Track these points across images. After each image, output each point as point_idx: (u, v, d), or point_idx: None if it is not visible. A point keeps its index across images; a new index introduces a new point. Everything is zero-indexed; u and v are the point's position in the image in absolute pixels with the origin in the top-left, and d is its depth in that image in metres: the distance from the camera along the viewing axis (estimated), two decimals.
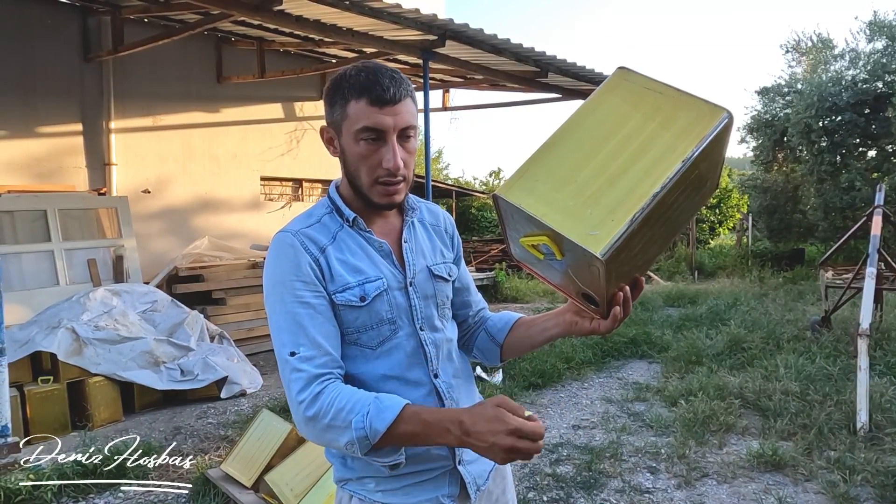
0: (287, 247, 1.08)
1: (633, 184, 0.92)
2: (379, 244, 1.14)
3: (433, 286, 1.18)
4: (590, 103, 1.02)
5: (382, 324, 1.11)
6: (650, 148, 0.94)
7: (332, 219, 1.13)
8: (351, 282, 1.08)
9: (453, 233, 1.29)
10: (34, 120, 6.38)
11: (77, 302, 4.38)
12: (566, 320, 1.17)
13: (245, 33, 7.42)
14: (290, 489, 2.63)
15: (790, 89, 12.56)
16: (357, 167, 1.08)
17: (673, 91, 0.99)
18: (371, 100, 1.03)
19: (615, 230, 0.89)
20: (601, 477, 3.25)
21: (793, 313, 7.03)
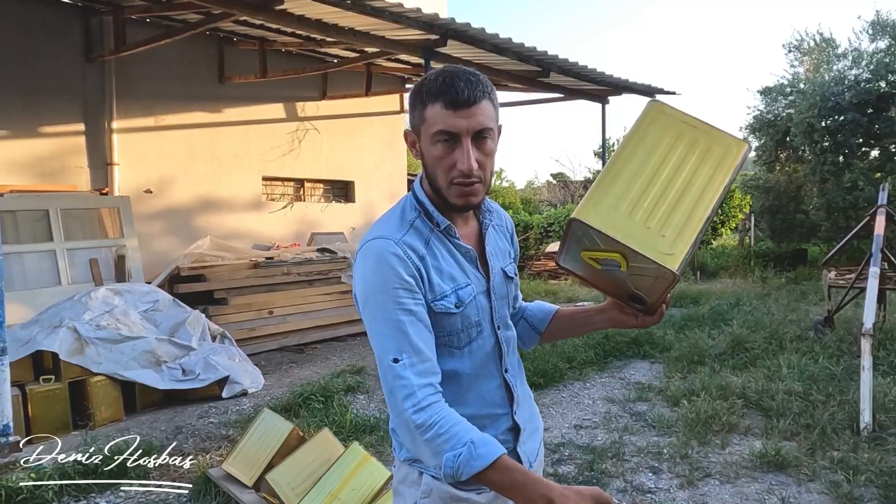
0: (390, 255, 1.10)
1: (690, 209, 1.13)
2: (465, 250, 1.20)
3: (506, 287, 1.27)
4: (636, 134, 1.20)
5: (471, 327, 1.18)
6: (697, 177, 1.16)
7: (423, 223, 1.17)
8: (447, 290, 1.14)
9: (513, 231, 1.37)
10: (36, 120, 6.38)
11: (79, 301, 4.38)
12: (612, 316, 1.31)
13: (247, 33, 7.42)
14: (292, 488, 2.63)
15: (793, 89, 12.52)
16: (434, 169, 1.13)
17: (704, 126, 1.20)
18: (446, 103, 1.07)
19: (685, 250, 1.10)
20: (603, 477, 3.24)
21: (795, 313, 7.00)
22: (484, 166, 1.12)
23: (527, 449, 1.28)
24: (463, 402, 1.17)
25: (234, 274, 6.48)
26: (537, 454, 1.32)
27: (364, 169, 9.55)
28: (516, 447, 1.25)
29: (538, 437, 1.34)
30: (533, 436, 1.31)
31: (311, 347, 6.57)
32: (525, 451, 1.27)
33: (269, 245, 7.98)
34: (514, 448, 1.24)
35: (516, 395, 1.25)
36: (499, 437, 1.19)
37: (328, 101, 8.90)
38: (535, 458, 1.31)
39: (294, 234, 8.56)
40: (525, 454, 1.26)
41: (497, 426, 1.22)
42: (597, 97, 9.03)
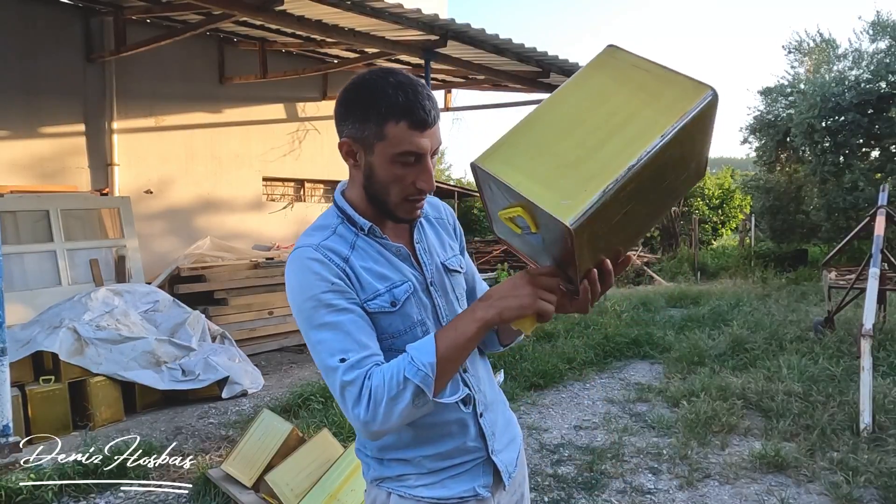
0: (311, 261, 1.06)
1: (610, 156, 0.92)
2: (396, 248, 1.15)
3: (450, 281, 1.21)
4: (576, 79, 1.02)
5: (415, 326, 1.13)
6: (631, 122, 0.94)
7: (347, 228, 1.13)
8: (380, 288, 1.10)
9: (455, 223, 1.31)
10: (37, 120, 6.39)
11: (79, 302, 4.38)
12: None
13: (247, 34, 7.43)
14: (291, 489, 2.63)
15: (793, 89, 12.53)
16: (388, 186, 1.08)
17: (659, 69, 0.99)
18: (412, 123, 1.02)
19: (587, 200, 0.88)
20: (603, 477, 3.24)
21: (796, 314, 7.00)
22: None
23: (504, 459, 1.22)
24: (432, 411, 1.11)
25: (234, 274, 6.49)
26: (516, 464, 1.26)
27: None
28: (490, 455, 1.19)
29: (516, 447, 1.28)
30: (510, 446, 1.25)
31: None
32: (502, 460, 1.21)
33: (270, 245, 7.99)
34: (488, 456, 1.19)
35: (479, 398, 1.18)
36: (466, 444, 1.16)
37: (328, 101, 8.90)
38: (515, 469, 1.25)
39: (294, 235, 8.57)
40: (502, 464, 1.21)
41: (460, 433, 1.16)
42: None
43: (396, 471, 1.16)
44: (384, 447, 1.16)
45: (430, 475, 1.15)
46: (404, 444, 1.15)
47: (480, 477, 1.19)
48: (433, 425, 1.14)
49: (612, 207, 0.92)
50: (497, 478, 1.20)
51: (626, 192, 0.92)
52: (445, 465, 1.16)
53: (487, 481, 1.19)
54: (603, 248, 1.01)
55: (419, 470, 1.15)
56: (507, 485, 1.22)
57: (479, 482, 1.18)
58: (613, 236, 1.01)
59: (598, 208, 0.89)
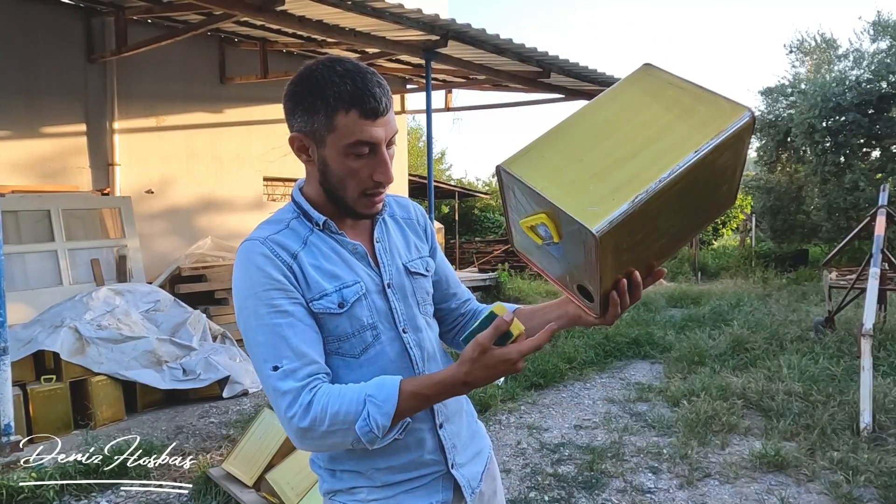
0: (256, 255, 1.01)
1: (641, 167, 0.90)
2: (353, 246, 1.09)
3: (411, 284, 1.13)
4: (610, 92, 1.01)
5: (364, 330, 1.05)
6: (665, 136, 0.93)
7: (301, 223, 1.07)
8: (328, 288, 1.03)
9: (426, 224, 1.24)
10: (38, 120, 6.40)
11: (80, 301, 4.39)
12: (570, 312, 1.13)
13: (248, 34, 7.44)
14: (292, 488, 2.63)
15: (794, 90, 12.53)
16: (344, 180, 1.02)
17: (695, 87, 0.97)
18: (362, 112, 0.97)
19: (615, 208, 0.86)
20: (603, 477, 3.25)
21: (796, 314, 7.00)
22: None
23: (467, 473, 1.15)
24: None
25: None
26: (481, 479, 1.18)
27: None
28: (449, 469, 1.12)
29: (482, 460, 1.21)
30: (475, 459, 1.18)
31: None
32: (465, 474, 1.14)
33: None
34: (447, 470, 1.12)
35: (438, 407, 1.10)
36: (424, 457, 1.10)
37: None
38: (479, 483, 1.17)
39: None
40: (464, 478, 1.14)
41: (418, 444, 1.09)
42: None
43: (348, 483, 1.09)
44: (335, 457, 1.09)
45: (383, 489, 1.08)
46: (356, 456, 1.07)
47: (439, 492, 1.12)
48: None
49: (640, 220, 0.90)
50: (458, 493, 1.14)
51: (655, 205, 0.90)
52: (400, 479, 1.08)
53: (447, 497, 1.12)
54: (628, 260, 0.98)
55: (372, 483, 1.07)
56: (469, 500, 1.15)
57: (436, 498, 1.11)
58: (641, 249, 0.98)
59: (626, 218, 0.87)
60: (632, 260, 0.99)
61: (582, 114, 0.99)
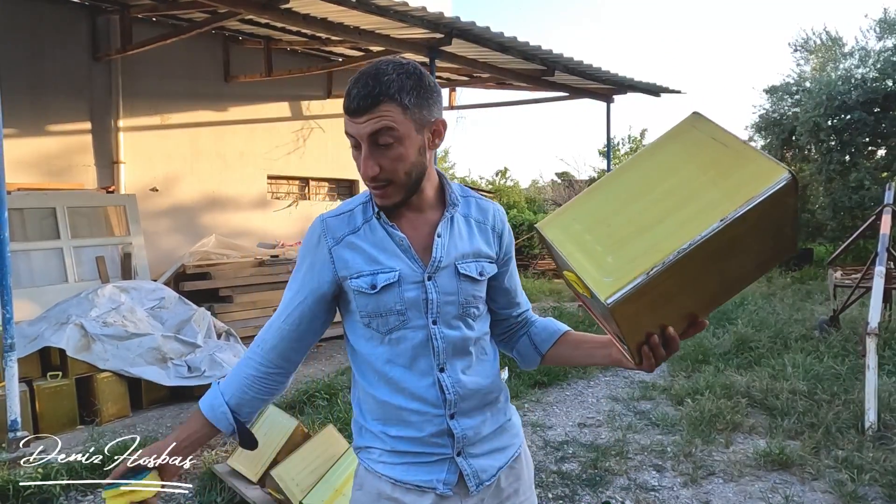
0: (312, 232, 1.19)
1: (662, 236, 0.91)
2: (399, 238, 1.15)
3: (457, 284, 1.17)
4: (651, 147, 1.03)
5: (390, 314, 1.14)
6: (693, 201, 0.92)
7: (364, 210, 1.19)
8: (364, 270, 1.14)
9: (502, 231, 1.27)
10: (44, 118, 6.42)
11: (85, 298, 4.41)
12: (612, 355, 1.18)
13: (252, 32, 7.45)
14: (296, 484, 2.64)
15: (799, 88, 12.48)
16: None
17: (739, 144, 0.95)
18: (346, 109, 1.09)
19: (628, 280, 0.89)
20: (607, 475, 3.25)
21: (801, 313, 6.98)
22: (390, 169, 1.08)
23: (477, 465, 1.19)
24: (397, 391, 1.16)
25: (239, 272, 6.51)
26: (495, 475, 1.21)
27: None
28: (454, 456, 1.17)
29: (503, 458, 1.23)
30: (494, 455, 1.22)
31: (316, 346, 6.59)
32: (473, 464, 1.18)
33: (275, 243, 8.01)
34: (452, 457, 1.17)
35: (450, 399, 1.16)
36: (429, 438, 1.15)
37: (333, 99, 8.92)
38: (491, 479, 1.20)
39: (299, 233, 8.59)
40: (472, 468, 1.18)
41: (427, 426, 1.15)
42: (602, 96, 9.01)
43: (367, 441, 1.21)
44: (364, 416, 1.21)
45: (391, 454, 1.17)
46: (375, 417, 1.19)
47: (443, 473, 1.17)
48: (390, 406, 1.17)
49: (665, 284, 0.91)
50: (464, 480, 1.17)
51: (680, 270, 0.90)
52: (406, 450, 1.16)
53: (450, 479, 1.17)
54: (658, 319, 0.99)
55: (383, 446, 1.18)
56: (474, 491, 1.18)
57: (439, 477, 1.16)
58: (674, 307, 0.99)
59: (642, 287, 0.89)
60: (663, 317, 1.00)
61: (620, 170, 1.02)
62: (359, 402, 1.23)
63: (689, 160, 0.97)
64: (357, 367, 1.22)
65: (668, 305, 0.97)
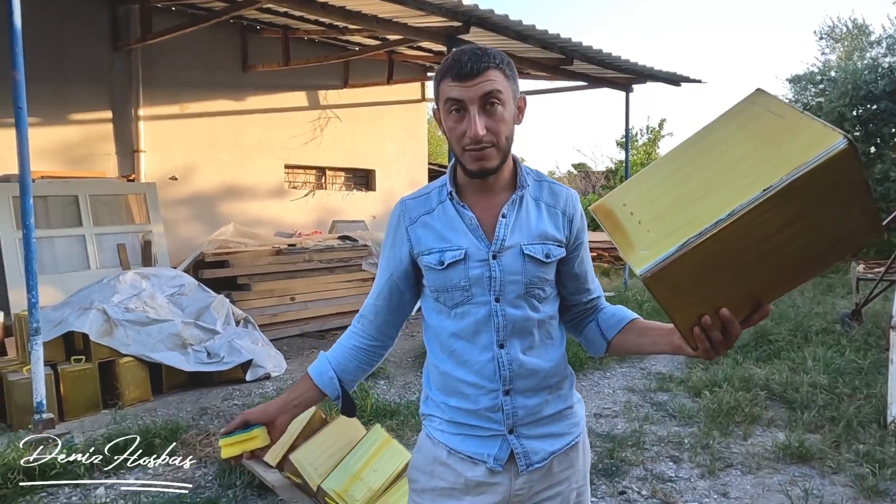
0: (394, 213, 1.30)
1: (704, 209, 0.88)
2: (469, 218, 1.22)
3: (521, 264, 1.21)
4: (708, 126, 1.01)
5: (455, 289, 1.22)
6: (744, 177, 0.88)
7: (440, 192, 1.27)
8: (434, 247, 1.23)
9: (573, 216, 1.28)
10: (66, 107, 6.51)
11: (108, 284, 4.48)
12: (674, 342, 1.15)
13: (270, 21, 7.46)
14: (315, 468, 2.67)
15: (823, 77, 12.23)
16: (451, 138, 1.19)
17: (796, 115, 0.90)
18: (453, 76, 1.14)
19: (663, 252, 0.87)
20: (623, 465, 3.24)
21: (822, 306, 6.88)
22: (496, 131, 1.15)
23: (528, 446, 1.21)
24: (458, 363, 1.23)
25: (256, 260, 6.56)
26: (546, 459, 1.22)
27: (385, 157, 9.57)
28: (506, 433, 1.20)
29: (558, 444, 1.24)
30: (548, 440, 1.23)
31: (332, 334, 6.64)
32: (525, 445, 1.20)
33: (291, 232, 8.06)
34: (504, 434, 1.20)
35: (505, 375, 1.19)
36: (483, 412, 1.20)
37: (350, 89, 8.92)
38: (541, 462, 1.21)
39: (315, 222, 8.64)
40: (523, 448, 1.20)
41: (482, 399, 1.20)
42: (621, 85, 8.91)
43: (430, 410, 1.30)
44: (429, 385, 1.31)
45: (449, 424, 1.25)
46: (438, 387, 1.28)
47: (496, 448, 1.21)
48: (450, 377, 1.24)
49: (707, 258, 0.87)
50: (514, 459, 1.20)
51: (725, 244, 0.86)
52: (462, 421, 1.23)
53: (501, 456, 1.20)
54: (714, 296, 0.94)
55: (443, 415, 1.26)
56: (523, 470, 1.20)
57: (491, 452, 1.20)
58: (729, 286, 0.93)
59: (677, 259, 0.86)
60: (715, 297, 0.95)
61: (676, 150, 1.02)
62: (427, 372, 1.32)
63: (744, 136, 0.93)
64: (428, 339, 1.30)
65: (719, 284, 0.92)
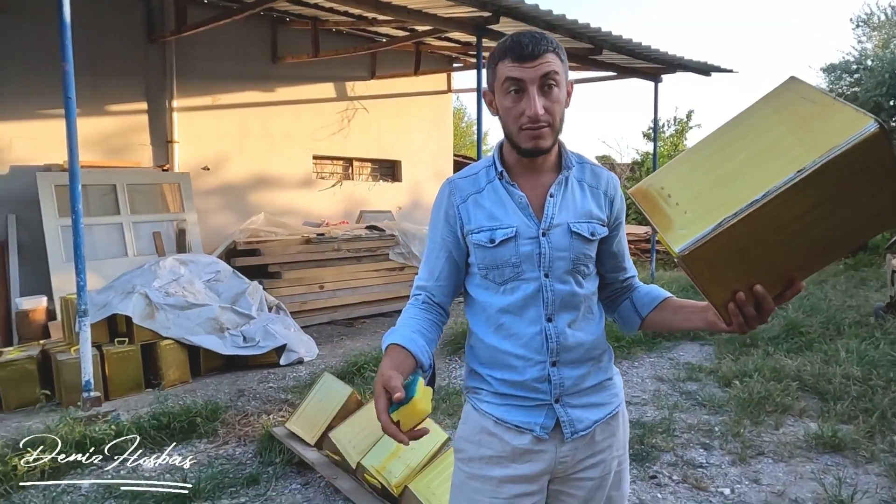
0: (442, 192, 1.34)
1: (740, 190, 0.92)
2: (519, 197, 1.27)
3: (569, 242, 1.27)
4: (746, 110, 1.04)
5: (506, 266, 1.26)
6: (778, 159, 0.92)
7: (488, 172, 1.32)
8: (485, 225, 1.27)
9: (614, 196, 1.34)
10: (103, 99, 6.69)
11: (149, 270, 4.63)
12: (708, 318, 1.20)
13: (300, 13, 7.55)
14: (353, 446, 2.75)
15: (859, 66, 11.92)
16: (506, 118, 1.23)
17: (829, 100, 0.94)
18: (513, 57, 1.19)
19: (699, 230, 0.92)
20: (653, 451, 3.27)
21: (854, 299, 6.77)
22: (552, 112, 1.20)
23: (573, 414, 1.27)
24: (506, 336, 1.27)
25: (287, 249, 6.69)
26: (591, 428, 1.28)
27: (411, 148, 9.63)
28: (552, 402, 1.26)
29: (600, 413, 1.30)
30: (591, 409, 1.29)
31: (360, 322, 6.75)
32: (570, 414, 1.26)
33: (319, 222, 8.18)
34: (550, 403, 1.25)
35: (553, 347, 1.25)
36: (530, 383, 1.26)
37: (377, 80, 8.98)
38: (585, 430, 1.27)
39: (342, 213, 8.74)
40: (569, 416, 1.26)
41: (529, 371, 1.25)
42: (650, 75, 8.81)
43: (475, 383, 1.34)
44: (473, 359, 1.34)
45: (496, 396, 1.29)
46: (482, 361, 1.32)
47: (542, 417, 1.26)
48: (497, 351, 1.28)
49: (743, 237, 0.92)
50: (560, 428, 1.26)
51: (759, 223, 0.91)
52: (509, 393, 1.27)
53: (548, 424, 1.26)
54: (749, 273, 0.99)
55: (489, 388, 1.30)
56: (568, 438, 1.26)
57: (538, 420, 1.26)
58: (763, 264, 0.98)
59: (714, 238, 0.91)
60: (750, 275, 0.99)
61: (713, 135, 1.05)
62: (471, 347, 1.35)
63: (778, 121, 0.97)
64: (472, 315, 1.33)
65: (753, 262, 0.97)
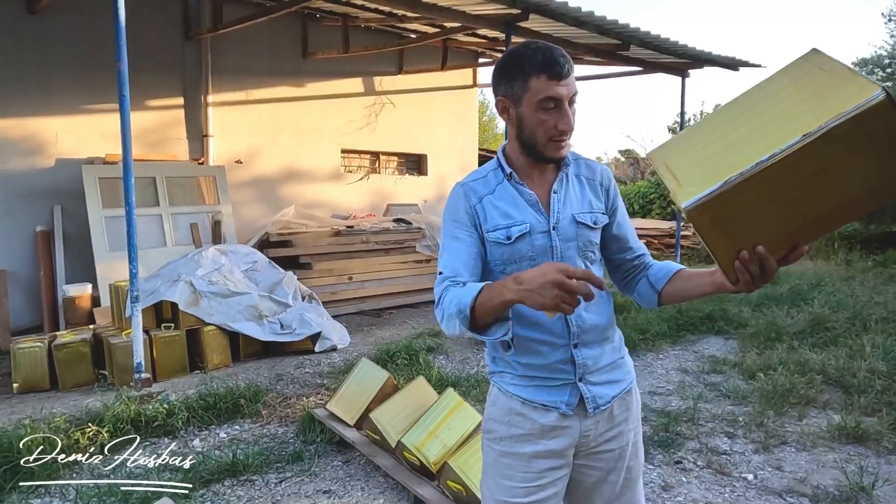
0: (456, 195, 1.41)
1: (749, 152, 0.96)
2: (528, 195, 1.38)
3: (575, 231, 1.39)
4: (764, 81, 1.09)
5: (523, 260, 1.36)
6: (788, 125, 0.95)
7: (496, 174, 1.42)
8: (500, 224, 1.36)
9: (609, 186, 1.48)
10: (142, 94, 6.94)
11: (192, 259, 4.85)
12: (716, 280, 1.28)
13: (331, 10, 7.72)
14: (392, 427, 2.92)
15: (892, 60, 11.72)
16: (535, 130, 1.33)
17: (844, 70, 0.95)
18: (550, 75, 1.27)
19: (706, 187, 0.96)
20: (678, 438, 3.38)
21: (882, 296, 6.74)
22: (574, 124, 1.33)
23: (595, 391, 1.38)
24: (529, 325, 1.35)
25: (317, 241, 6.89)
26: (610, 402, 1.39)
27: (437, 143, 9.78)
28: (576, 381, 1.36)
29: (617, 389, 1.42)
30: (609, 385, 1.40)
31: (388, 313, 6.93)
32: (591, 390, 1.37)
33: (347, 215, 8.38)
34: (574, 382, 1.36)
35: (574, 330, 1.35)
36: (556, 365, 1.36)
37: (404, 75, 9.12)
38: (606, 404, 1.38)
39: (369, 206, 8.93)
40: (591, 393, 1.37)
41: (554, 354, 1.36)
42: (677, 70, 8.82)
43: (500, 368, 1.43)
44: (496, 349, 1.43)
45: (522, 378, 1.39)
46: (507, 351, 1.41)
47: (566, 395, 1.37)
48: (524, 339, 1.36)
49: (748, 197, 0.95)
50: (583, 405, 1.37)
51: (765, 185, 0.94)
52: (534, 375, 1.37)
53: (572, 401, 1.37)
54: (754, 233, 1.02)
55: (514, 371, 1.40)
56: (591, 413, 1.37)
57: (563, 399, 1.36)
58: (768, 225, 1.01)
59: (719, 195, 0.95)
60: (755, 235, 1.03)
61: (730, 103, 1.11)
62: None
63: (794, 90, 1.00)
64: None
65: (757, 222, 1.01)
